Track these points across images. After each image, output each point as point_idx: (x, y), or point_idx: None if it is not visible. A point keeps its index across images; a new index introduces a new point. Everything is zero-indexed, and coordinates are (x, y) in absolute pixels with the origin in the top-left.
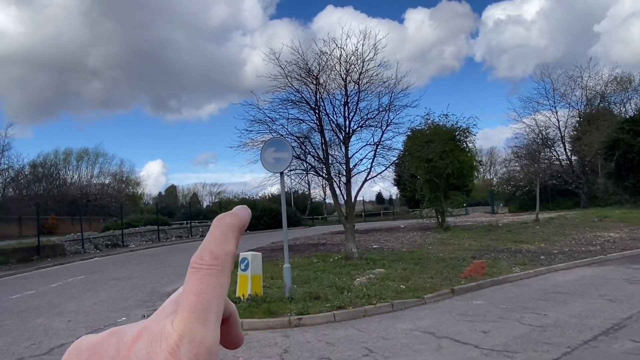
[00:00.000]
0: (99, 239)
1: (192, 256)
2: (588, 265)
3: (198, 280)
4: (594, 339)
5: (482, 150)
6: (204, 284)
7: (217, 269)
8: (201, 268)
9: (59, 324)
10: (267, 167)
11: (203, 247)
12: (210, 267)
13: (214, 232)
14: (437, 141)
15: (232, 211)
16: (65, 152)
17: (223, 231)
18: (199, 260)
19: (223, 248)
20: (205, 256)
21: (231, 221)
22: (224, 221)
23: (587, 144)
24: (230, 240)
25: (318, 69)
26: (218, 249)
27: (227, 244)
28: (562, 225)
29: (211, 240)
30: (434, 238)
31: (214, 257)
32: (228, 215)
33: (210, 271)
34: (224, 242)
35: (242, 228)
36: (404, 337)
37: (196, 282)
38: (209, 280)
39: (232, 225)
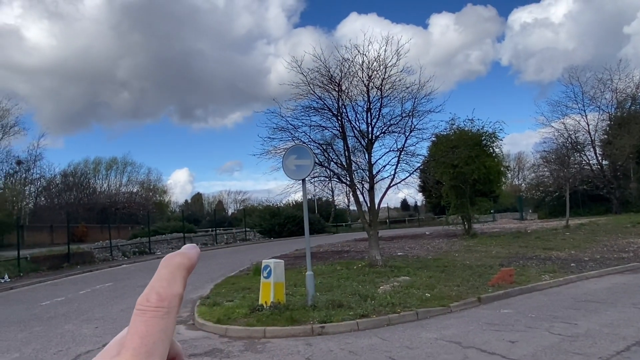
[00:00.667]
0: (126, 246)
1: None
2: (620, 272)
3: (143, 322)
4: (627, 350)
5: (509, 156)
6: (150, 326)
7: (163, 311)
8: (147, 310)
9: (86, 330)
10: (289, 175)
11: (150, 287)
12: (156, 309)
13: (161, 272)
14: (462, 146)
15: (181, 250)
16: (95, 162)
17: (171, 271)
18: (145, 302)
19: (170, 289)
20: (151, 297)
21: (180, 261)
22: (172, 261)
23: (619, 147)
24: (177, 281)
25: (340, 76)
26: (165, 291)
27: (175, 284)
28: (593, 231)
29: (158, 281)
30: (460, 245)
31: (160, 299)
32: (177, 255)
33: (156, 313)
34: (172, 282)
35: (190, 268)
36: (429, 346)
37: (141, 325)
38: (155, 322)
39: (180, 265)
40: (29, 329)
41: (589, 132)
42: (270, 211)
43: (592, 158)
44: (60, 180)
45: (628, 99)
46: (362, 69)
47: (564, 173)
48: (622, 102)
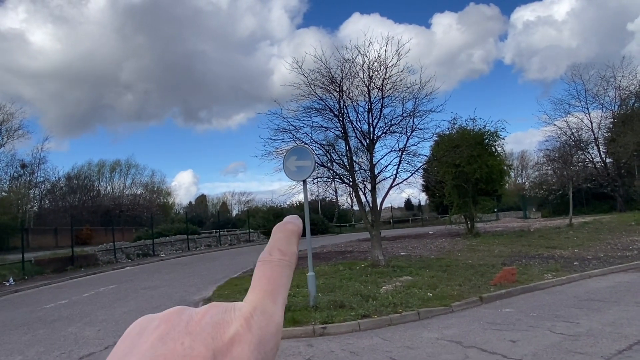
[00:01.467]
0: (130, 248)
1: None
2: (624, 271)
3: (269, 269)
4: (629, 349)
5: (513, 154)
6: (275, 271)
7: (286, 262)
8: (272, 260)
9: (89, 333)
10: (289, 176)
11: (271, 246)
12: (280, 259)
13: (278, 236)
14: (464, 146)
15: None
16: (99, 164)
17: (287, 235)
18: (268, 255)
19: (289, 248)
20: (274, 252)
21: (292, 228)
22: (286, 227)
23: (623, 145)
24: (293, 243)
25: (341, 77)
26: (285, 248)
27: (292, 245)
28: (597, 229)
29: (277, 241)
30: (463, 244)
31: (282, 253)
32: (289, 223)
33: (280, 262)
34: (289, 243)
35: (300, 234)
36: (430, 346)
37: (268, 270)
38: (279, 269)
39: (293, 231)
40: (33, 332)
41: (592, 130)
42: (274, 212)
43: (596, 156)
44: (65, 183)
45: (631, 97)
46: (362, 69)
47: (568, 171)
48: (626, 100)
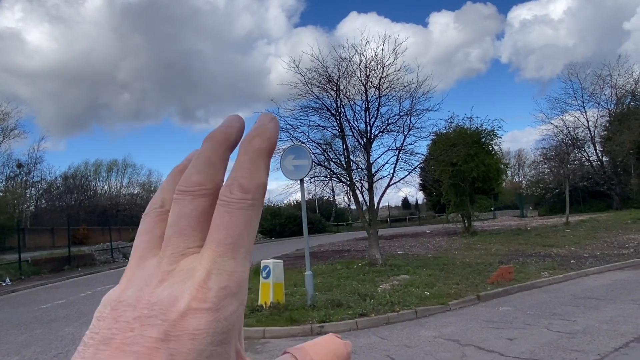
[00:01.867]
0: (127, 248)
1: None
2: (620, 269)
3: (228, 213)
4: (625, 346)
5: (509, 153)
6: (234, 217)
7: (248, 203)
8: (231, 202)
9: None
10: (287, 175)
11: (231, 178)
12: (240, 200)
13: (241, 160)
14: (461, 145)
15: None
16: (95, 164)
17: (251, 158)
18: (228, 193)
19: (253, 180)
20: (234, 189)
21: (260, 145)
22: (252, 146)
23: (619, 144)
24: (260, 169)
25: (338, 76)
26: (248, 182)
27: (257, 174)
28: (593, 228)
29: (240, 172)
30: (460, 243)
31: (244, 190)
32: (257, 138)
33: (240, 204)
34: (254, 172)
35: (272, 151)
36: (427, 344)
37: (226, 216)
38: (239, 214)
39: (261, 151)
40: (30, 332)
41: (588, 129)
42: (271, 211)
43: (592, 154)
44: (61, 182)
45: (627, 95)
46: (359, 68)
47: (564, 170)
48: (622, 98)
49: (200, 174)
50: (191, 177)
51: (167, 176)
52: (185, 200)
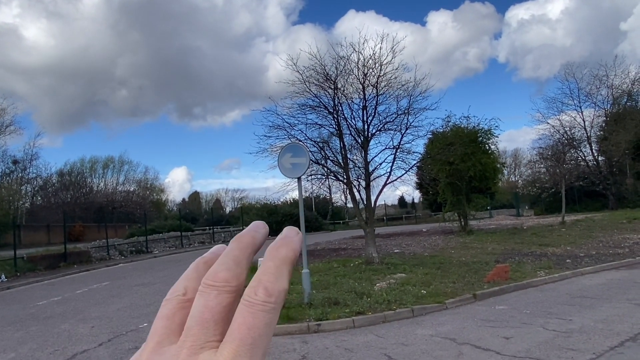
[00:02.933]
0: (123, 245)
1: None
2: (616, 268)
3: (251, 314)
4: (621, 345)
5: (506, 152)
6: (257, 318)
7: (270, 306)
8: (255, 303)
9: (82, 329)
10: (284, 173)
11: (257, 281)
12: (264, 303)
13: (268, 266)
14: (458, 144)
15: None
16: (91, 161)
17: (277, 265)
18: (253, 295)
19: (277, 285)
20: (259, 292)
21: (285, 254)
22: (278, 254)
23: (615, 143)
24: (284, 276)
25: (336, 74)
26: (272, 286)
27: (281, 280)
28: (589, 227)
29: (265, 276)
30: (456, 242)
31: (267, 294)
32: (282, 247)
33: (263, 307)
34: (278, 277)
35: (295, 260)
36: (424, 343)
37: (249, 316)
38: (262, 316)
39: (286, 260)
40: (25, 329)
41: (585, 129)
42: (268, 209)
43: (588, 154)
44: (57, 179)
45: (624, 95)
46: (357, 66)
47: (560, 169)
48: (618, 98)
49: (227, 271)
50: (219, 273)
51: (190, 265)
52: (211, 294)
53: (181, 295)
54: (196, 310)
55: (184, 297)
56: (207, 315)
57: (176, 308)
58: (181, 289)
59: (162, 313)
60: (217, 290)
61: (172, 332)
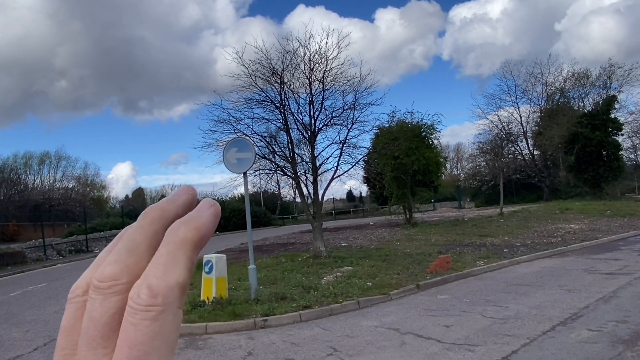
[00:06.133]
0: (61, 245)
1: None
2: (549, 256)
3: (132, 325)
4: (552, 329)
5: (449, 147)
6: (139, 330)
7: (157, 310)
8: (136, 309)
9: (16, 334)
10: (229, 168)
11: (143, 276)
12: (147, 308)
13: (160, 253)
14: (402, 138)
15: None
16: (25, 156)
17: (170, 251)
18: (135, 296)
19: (166, 279)
20: (142, 292)
21: (184, 236)
22: (176, 235)
23: (548, 138)
24: (179, 266)
25: (282, 68)
26: (159, 282)
27: (174, 271)
28: (525, 218)
29: (152, 267)
30: (401, 234)
31: (152, 294)
32: (182, 227)
33: (147, 314)
34: (170, 268)
35: (202, 243)
36: (369, 334)
37: (130, 329)
38: (145, 326)
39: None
40: None
41: (521, 124)
42: None
43: (525, 148)
44: None
45: (557, 92)
46: (304, 61)
47: (499, 163)
48: (552, 95)
49: (115, 264)
50: (105, 269)
51: (109, 244)
52: (96, 300)
53: (80, 294)
54: (84, 325)
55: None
56: (93, 332)
57: (77, 315)
58: (82, 284)
59: (63, 324)
60: (102, 295)
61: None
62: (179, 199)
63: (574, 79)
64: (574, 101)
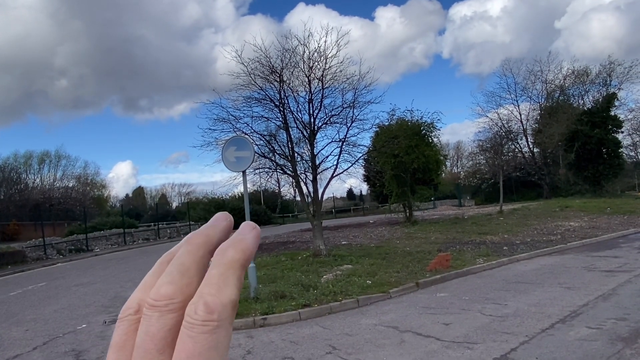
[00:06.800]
0: (62, 244)
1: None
2: (549, 254)
3: (191, 338)
4: (551, 327)
5: (449, 145)
6: (198, 343)
7: (213, 325)
8: (194, 324)
9: (16, 333)
10: (228, 167)
11: (198, 294)
12: (204, 323)
13: (211, 275)
14: (402, 136)
15: (235, 238)
16: (25, 155)
17: (222, 272)
18: (193, 313)
19: (220, 297)
20: (199, 309)
21: (233, 257)
22: (224, 258)
23: (548, 136)
24: (230, 285)
25: (281, 66)
26: (214, 299)
27: (226, 290)
28: (525, 216)
29: (207, 287)
30: (401, 232)
31: (209, 310)
32: (230, 249)
33: (204, 328)
34: (222, 287)
35: (247, 263)
36: (368, 332)
37: (188, 342)
38: (203, 339)
39: (233, 263)
40: None
41: (521, 122)
42: (215, 203)
43: (524, 146)
44: None
45: (557, 90)
46: (303, 59)
47: (498, 161)
48: (552, 93)
49: (170, 284)
50: (160, 289)
51: (154, 265)
52: (153, 317)
53: (133, 314)
54: (139, 339)
55: (136, 315)
56: (150, 345)
57: (128, 332)
58: (134, 304)
59: (114, 340)
60: (158, 312)
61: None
62: (220, 224)
63: (574, 77)
64: (574, 99)
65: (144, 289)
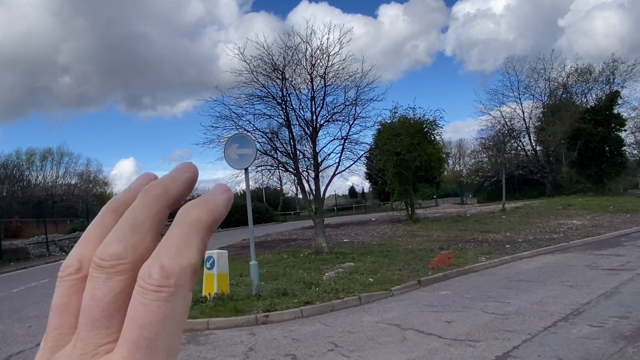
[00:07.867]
0: (64, 240)
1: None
2: (551, 252)
3: (143, 305)
4: (554, 325)
5: (451, 142)
6: (150, 311)
7: (168, 292)
8: (147, 289)
9: (19, 330)
10: (231, 164)
11: (154, 255)
12: (158, 288)
13: (172, 234)
14: (404, 134)
15: (202, 198)
16: (28, 153)
17: (184, 232)
18: (146, 276)
19: (179, 259)
20: (154, 272)
21: (198, 217)
22: (189, 216)
23: (551, 134)
24: (192, 247)
25: (284, 64)
26: (171, 262)
27: (187, 252)
28: (527, 214)
29: (165, 248)
30: (403, 230)
31: (164, 274)
32: (196, 208)
33: (158, 294)
34: (183, 249)
35: (214, 226)
36: (370, 330)
37: (140, 309)
38: (157, 307)
39: (198, 224)
40: None
41: (524, 120)
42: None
43: (527, 144)
44: None
45: (560, 88)
46: (305, 57)
47: (501, 159)
48: (555, 91)
49: (119, 242)
50: (108, 247)
51: (98, 214)
52: (99, 279)
53: (74, 272)
54: (85, 303)
55: (77, 275)
56: (96, 311)
57: (70, 293)
58: (74, 261)
59: (54, 302)
60: (105, 274)
61: (67, 330)
62: (182, 176)
63: (577, 75)
64: (577, 97)
65: (86, 243)
